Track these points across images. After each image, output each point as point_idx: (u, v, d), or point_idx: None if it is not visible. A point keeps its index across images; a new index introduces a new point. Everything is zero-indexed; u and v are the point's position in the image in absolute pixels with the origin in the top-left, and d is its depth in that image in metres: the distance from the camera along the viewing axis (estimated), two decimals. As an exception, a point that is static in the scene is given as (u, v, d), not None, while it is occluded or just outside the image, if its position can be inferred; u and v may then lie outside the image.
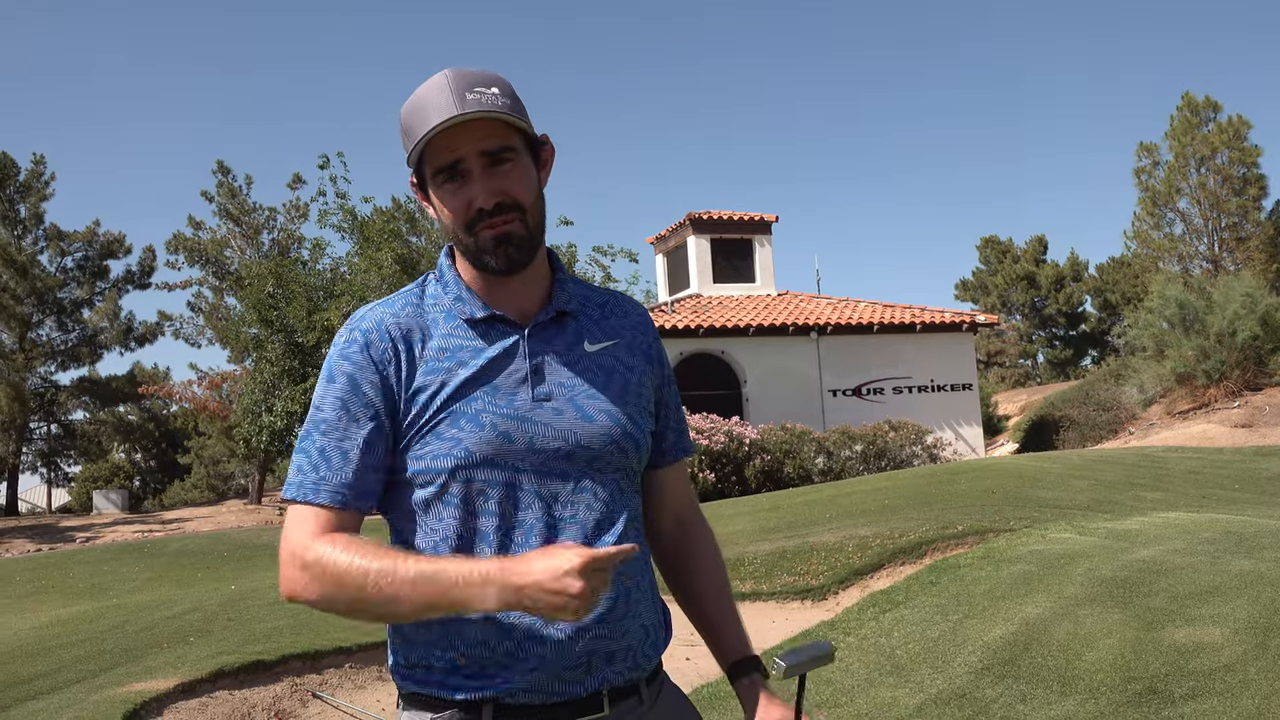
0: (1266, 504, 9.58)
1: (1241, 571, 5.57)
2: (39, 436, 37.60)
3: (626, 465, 1.51)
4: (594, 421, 1.48)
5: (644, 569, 1.53)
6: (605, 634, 1.43)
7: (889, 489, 10.96)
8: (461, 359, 1.46)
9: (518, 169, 1.45)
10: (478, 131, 1.41)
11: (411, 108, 1.44)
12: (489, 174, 1.42)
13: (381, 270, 19.88)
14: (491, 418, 1.43)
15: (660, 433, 1.63)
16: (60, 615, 8.60)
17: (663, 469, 1.65)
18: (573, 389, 1.49)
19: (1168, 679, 4.31)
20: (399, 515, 1.50)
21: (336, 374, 1.46)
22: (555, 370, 1.49)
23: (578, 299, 1.58)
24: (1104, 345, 44.16)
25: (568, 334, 1.53)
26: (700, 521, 1.71)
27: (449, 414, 1.43)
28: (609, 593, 1.41)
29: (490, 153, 1.42)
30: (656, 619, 1.55)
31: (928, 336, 20.36)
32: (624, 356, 1.56)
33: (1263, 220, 31.84)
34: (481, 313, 1.49)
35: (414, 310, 1.51)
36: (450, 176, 1.43)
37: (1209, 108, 31.57)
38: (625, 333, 1.59)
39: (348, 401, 1.44)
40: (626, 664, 1.46)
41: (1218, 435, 17.03)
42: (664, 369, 1.64)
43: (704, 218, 21.23)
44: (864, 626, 5.80)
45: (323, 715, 5.42)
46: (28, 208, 31.46)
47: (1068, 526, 7.60)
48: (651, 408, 1.59)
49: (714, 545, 1.70)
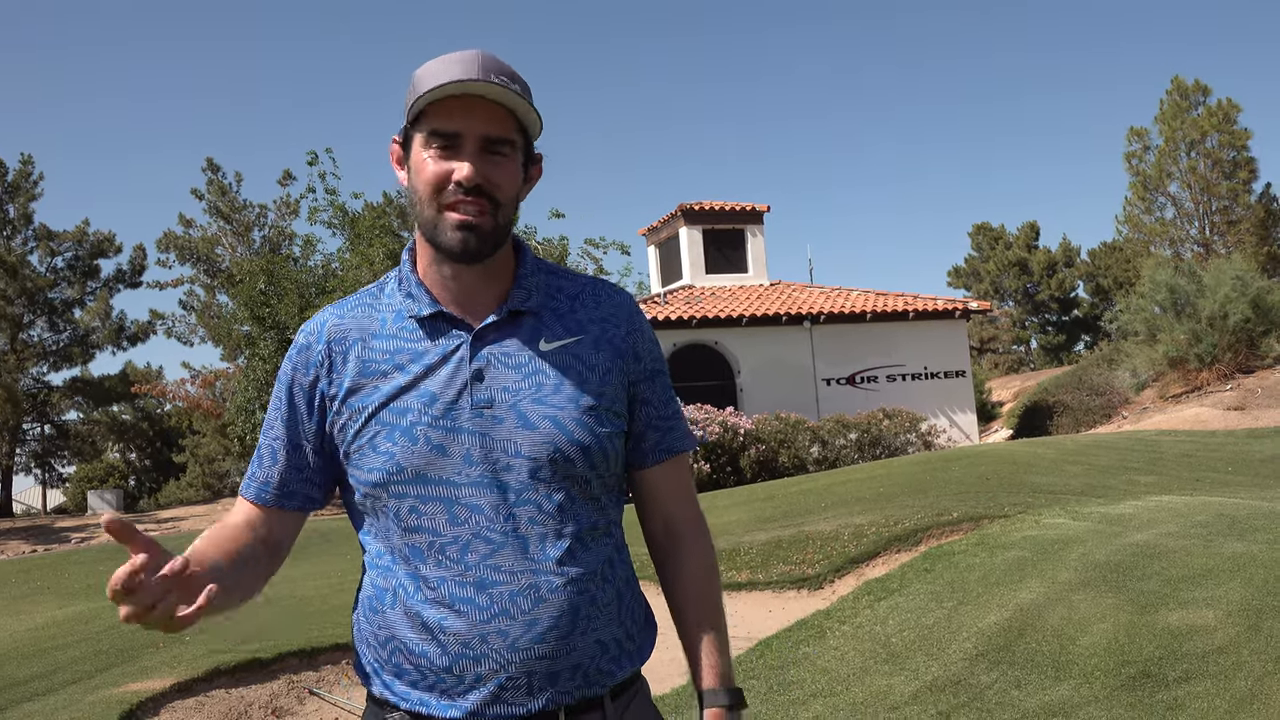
0: (1259, 486, 9.62)
1: (1234, 554, 5.59)
2: (32, 438, 37.47)
3: (574, 474, 1.42)
4: (536, 429, 1.40)
5: (608, 581, 1.45)
6: (546, 653, 1.37)
7: (884, 477, 10.98)
8: (400, 363, 1.43)
9: (508, 165, 1.42)
10: (486, 115, 1.39)
11: (431, 64, 1.41)
12: (480, 158, 1.39)
13: (373, 266, 19.85)
14: (425, 429, 1.39)
15: (639, 431, 1.53)
16: (56, 616, 8.58)
17: (646, 470, 1.55)
18: (517, 394, 1.41)
19: (1161, 662, 4.33)
20: (353, 518, 1.52)
21: (280, 376, 1.51)
22: (500, 374, 1.42)
23: (545, 292, 1.50)
24: (1096, 330, 44.29)
25: (522, 333, 1.46)
26: (694, 532, 1.58)
27: (381, 424, 1.41)
28: (550, 610, 1.38)
29: (490, 139, 1.40)
30: (622, 633, 1.46)
31: (921, 324, 20.38)
32: (585, 354, 1.47)
33: (1253, 203, 31.93)
34: (429, 309, 1.45)
35: (364, 311, 1.49)
36: (444, 144, 1.39)
37: (1199, 91, 31.61)
38: (591, 327, 1.49)
39: (281, 403, 1.50)
40: (575, 683, 1.39)
41: (1210, 418, 17.08)
42: (641, 363, 1.52)
43: (695, 208, 21.22)
44: (859, 614, 5.81)
45: (320, 712, 5.42)
46: (16, 208, 31.29)
47: (1061, 512, 7.62)
48: (619, 407, 1.48)
49: (704, 562, 1.56)
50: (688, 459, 1.62)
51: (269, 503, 1.49)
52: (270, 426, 1.50)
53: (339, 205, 21.59)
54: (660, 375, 1.56)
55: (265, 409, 7.91)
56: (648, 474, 1.56)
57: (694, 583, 1.55)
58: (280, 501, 1.49)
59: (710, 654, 1.52)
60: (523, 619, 1.37)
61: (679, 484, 1.58)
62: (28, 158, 31.49)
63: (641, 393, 1.53)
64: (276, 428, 1.49)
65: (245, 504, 1.50)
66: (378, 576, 1.44)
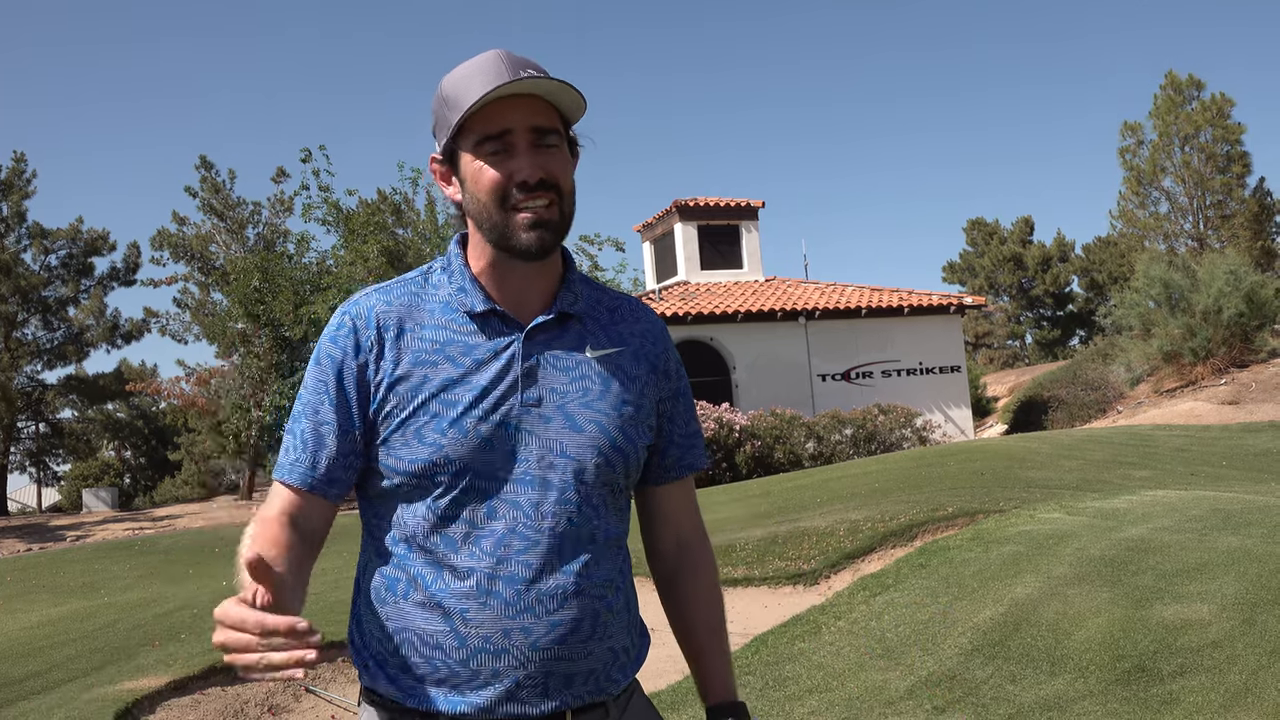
0: (1254, 480, 9.65)
1: (1229, 548, 5.61)
2: (27, 436, 37.37)
3: (613, 480, 1.45)
4: (582, 431, 1.42)
5: (619, 590, 1.47)
6: (565, 655, 1.38)
7: (879, 472, 10.99)
8: (450, 354, 1.42)
9: (560, 154, 1.41)
10: (529, 108, 1.38)
11: (458, 78, 1.40)
12: (535, 151, 1.38)
13: (367, 263, 19.81)
14: (475, 422, 1.39)
15: (661, 447, 1.57)
16: (51, 615, 8.57)
17: (664, 485, 1.59)
18: (565, 396, 1.43)
19: (1156, 657, 4.34)
20: (370, 506, 1.48)
21: (322, 358, 1.45)
22: (549, 375, 1.43)
23: (586, 301, 1.52)
24: (1091, 325, 44.31)
25: (569, 337, 1.47)
26: (703, 548, 1.63)
27: (429, 413, 1.39)
28: (572, 613, 1.38)
29: (539, 129, 1.39)
30: (629, 641, 1.49)
31: (916, 319, 20.40)
32: (627, 365, 1.49)
33: (1246, 198, 31.98)
34: (482, 306, 1.44)
35: (410, 299, 1.47)
36: (496, 148, 1.38)
37: (1192, 86, 31.64)
38: (633, 340, 1.52)
39: (328, 386, 1.43)
40: (588, 687, 1.41)
41: (1205, 413, 17.11)
42: (671, 381, 1.57)
43: (690, 205, 21.21)
44: (854, 610, 5.82)
45: (316, 710, 5.42)
46: (10, 206, 31.18)
47: (1057, 507, 7.63)
48: (652, 421, 1.52)
49: (713, 577, 1.62)
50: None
51: (314, 490, 1.41)
52: (314, 410, 1.43)
53: (333, 202, 21.54)
54: (686, 395, 1.61)
55: (260, 406, 7.85)
56: (665, 489, 1.60)
57: (706, 599, 1.61)
58: (325, 490, 1.42)
59: (720, 668, 1.58)
60: (547, 619, 1.37)
61: (691, 500, 1.65)
62: (20, 155, 31.38)
63: (669, 409, 1.57)
64: (324, 412, 1.42)
65: (286, 492, 1.41)
66: (389, 566, 1.42)
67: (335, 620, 6.31)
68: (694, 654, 1.59)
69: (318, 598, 7.63)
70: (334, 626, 6.29)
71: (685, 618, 1.60)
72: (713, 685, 1.56)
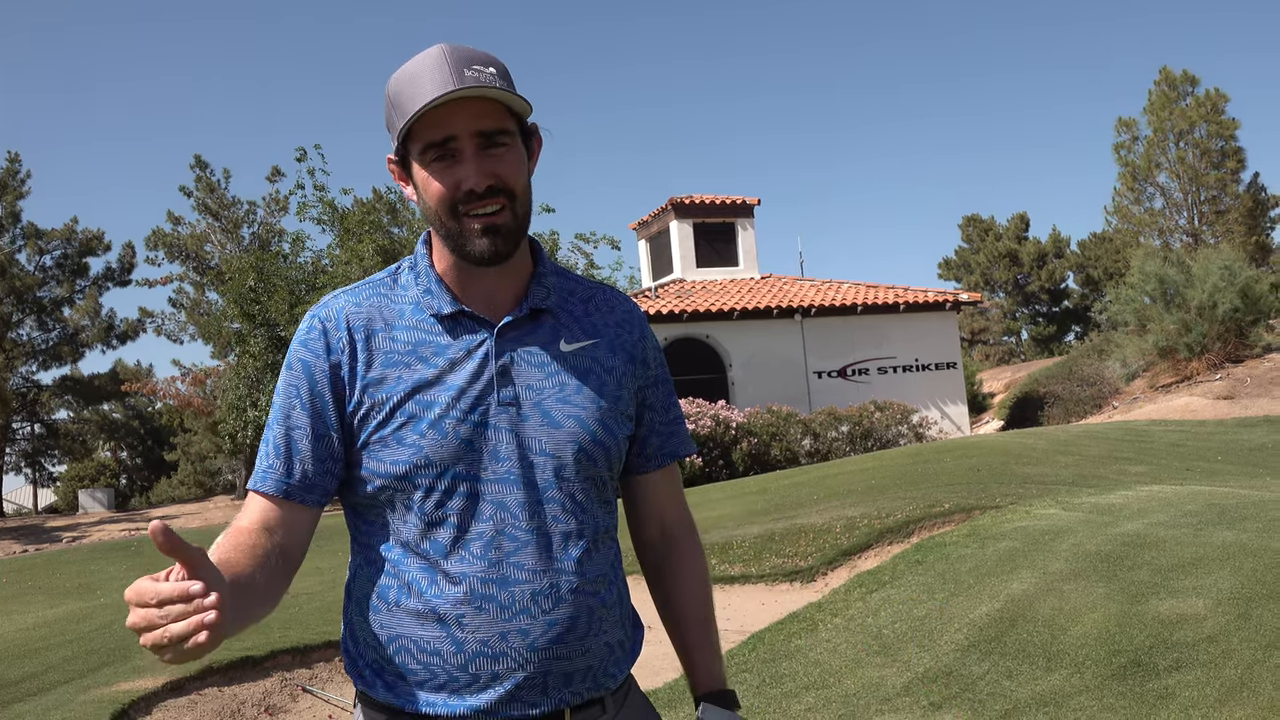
0: (1249, 475, 9.67)
1: (1224, 543, 5.62)
2: (22, 437, 37.31)
3: (595, 474, 1.43)
4: (561, 427, 1.40)
5: (612, 584, 1.45)
6: (563, 654, 1.37)
7: (875, 469, 11.00)
8: (423, 355, 1.40)
9: (512, 154, 1.37)
10: (474, 110, 1.34)
11: (402, 79, 1.35)
12: (482, 156, 1.35)
13: (363, 262, 19.79)
14: (454, 423, 1.37)
15: (643, 436, 1.54)
16: (47, 616, 8.55)
17: (646, 474, 1.57)
18: (541, 392, 1.41)
19: (1152, 651, 4.34)
20: (355, 512, 1.46)
21: (293, 363, 1.43)
22: (524, 372, 1.41)
23: (559, 293, 1.50)
24: (1087, 321, 44.36)
25: (542, 333, 1.45)
26: (689, 537, 1.62)
27: (407, 415, 1.37)
28: (568, 611, 1.37)
29: (485, 133, 1.34)
30: (624, 635, 1.48)
31: (911, 316, 20.41)
32: (603, 357, 1.47)
33: (1241, 193, 32.05)
34: (449, 308, 1.41)
35: (380, 299, 1.44)
36: (440, 155, 1.35)
37: (1187, 82, 31.69)
38: (607, 330, 1.50)
39: (299, 390, 1.41)
40: (586, 684, 1.41)
41: (1200, 408, 17.14)
42: (650, 369, 1.54)
43: (686, 202, 21.21)
44: (851, 607, 5.82)
45: (313, 709, 5.42)
46: (4, 206, 31.11)
47: (1052, 502, 7.64)
48: (631, 411, 1.50)
49: (700, 566, 1.61)
50: (679, 464, 1.64)
51: (290, 497, 1.38)
52: (286, 415, 1.40)
53: (328, 201, 21.53)
54: (665, 382, 1.58)
55: (256, 406, 7.83)
56: (648, 478, 1.58)
57: (692, 588, 1.59)
58: (302, 496, 1.39)
59: (708, 658, 1.57)
60: (543, 619, 1.36)
61: (676, 488, 1.62)
62: (15, 155, 31.31)
63: (648, 398, 1.54)
64: (296, 416, 1.40)
65: (260, 501, 1.38)
66: (380, 574, 1.40)
67: (330, 620, 6.30)
68: (682, 645, 1.58)
69: (315, 597, 7.62)
70: (329, 626, 6.29)
71: (673, 608, 1.59)
72: (701, 675, 1.56)
